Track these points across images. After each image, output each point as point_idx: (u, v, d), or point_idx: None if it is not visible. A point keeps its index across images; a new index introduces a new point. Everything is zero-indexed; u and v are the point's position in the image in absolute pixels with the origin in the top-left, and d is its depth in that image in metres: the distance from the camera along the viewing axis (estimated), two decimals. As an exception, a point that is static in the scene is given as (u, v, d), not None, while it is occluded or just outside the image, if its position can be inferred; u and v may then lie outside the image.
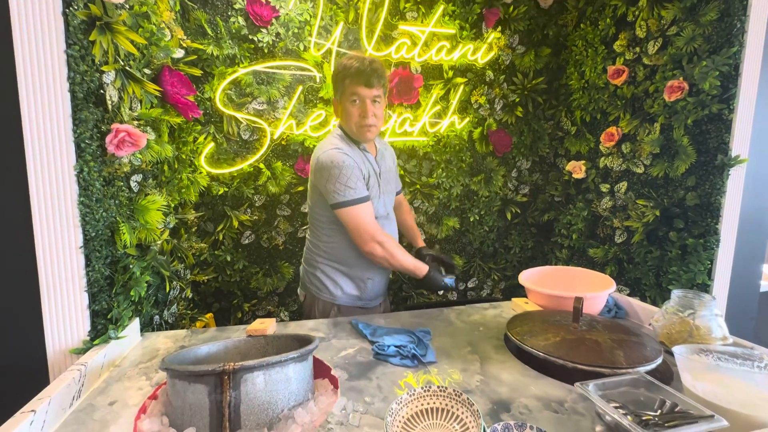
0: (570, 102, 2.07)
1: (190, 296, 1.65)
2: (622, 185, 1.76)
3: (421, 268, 1.28)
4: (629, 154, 1.72)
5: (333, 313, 1.35)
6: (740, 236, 1.40)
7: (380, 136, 1.51)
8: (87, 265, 0.90)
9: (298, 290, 1.47)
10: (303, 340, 0.88)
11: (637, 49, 1.67)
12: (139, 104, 1.11)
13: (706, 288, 1.41)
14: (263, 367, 0.68)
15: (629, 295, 1.69)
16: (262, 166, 1.83)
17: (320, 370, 0.87)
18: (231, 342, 0.92)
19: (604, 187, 1.85)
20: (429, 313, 1.27)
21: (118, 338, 0.96)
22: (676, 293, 1.02)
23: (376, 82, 1.19)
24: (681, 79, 1.46)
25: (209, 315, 1.71)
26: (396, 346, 0.96)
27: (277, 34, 1.77)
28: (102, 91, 0.94)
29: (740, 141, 1.33)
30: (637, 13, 1.66)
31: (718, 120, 1.36)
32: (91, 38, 0.89)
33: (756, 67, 1.31)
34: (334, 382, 0.83)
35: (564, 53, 2.12)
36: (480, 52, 2.02)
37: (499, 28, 2.05)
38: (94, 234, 0.91)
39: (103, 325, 0.95)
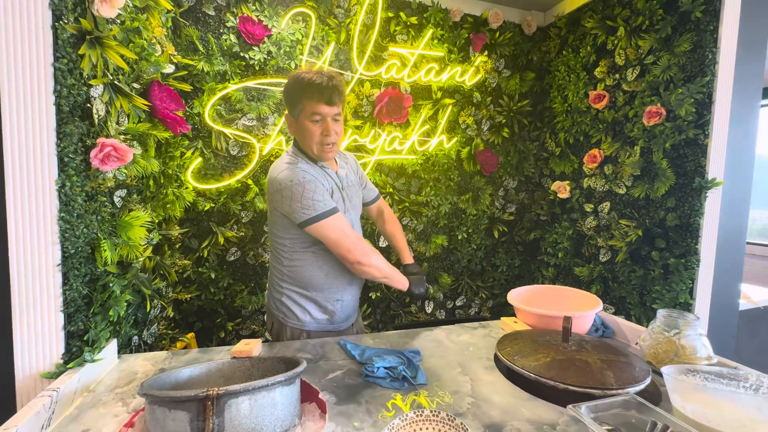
0: (554, 124, 2.14)
1: (171, 315, 1.59)
2: (605, 205, 1.80)
3: (404, 279, 1.24)
4: (611, 176, 1.77)
5: (303, 339, 1.28)
6: (719, 256, 1.45)
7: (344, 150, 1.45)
8: (64, 284, 0.86)
9: (266, 317, 1.40)
10: (290, 362, 0.86)
11: (617, 76, 1.74)
12: (126, 118, 1.10)
13: (688, 307, 1.44)
14: (249, 392, 0.66)
15: (614, 313, 1.71)
16: (250, 182, 1.81)
17: (307, 394, 0.84)
18: (214, 364, 0.88)
19: (588, 207, 1.90)
20: (418, 333, 1.25)
21: (93, 361, 0.91)
22: (661, 313, 1.03)
23: (337, 100, 1.12)
24: (659, 105, 1.53)
25: (191, 335, 1.64)
26: (386, 368, 0.94)
27: (269, 52, 1.78)
28: (89, 105, 0.92)
29: (716, 164, 1.39)
30: (616, 42, 1.74)
31: (694, 144, 1.42)
32: (80, 52, 0.88)
33: (727, 96, 1.38)
34: (321, 406, 0.80)
35: (548, 78, 2.20)
36: (467, 75, 2.08)
37: (486, 53, 2.13)
38: (73, 251, 0.87)
39: (78, 347, 0.91)
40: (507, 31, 2.13)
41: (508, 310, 2.31)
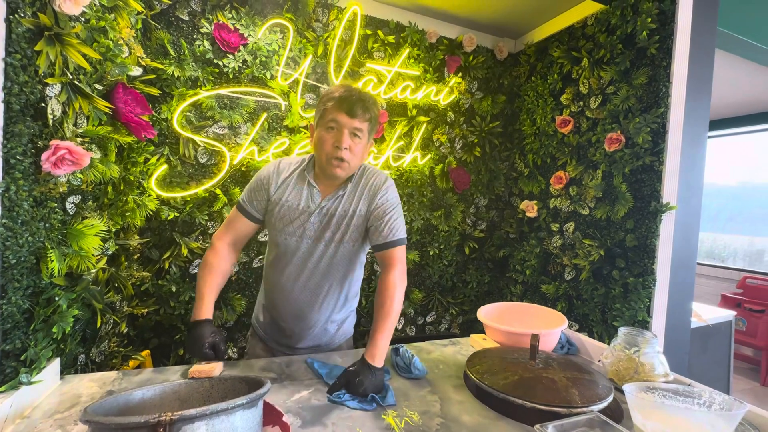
0: (523, 146, 2.23)
1: (124, 331, 1.49)
2: (570, 225, 1.88)
3: (195, 313, 1.02)
4: (576, 197, 1.85)
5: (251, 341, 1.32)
6: (672, 276, 1.53)
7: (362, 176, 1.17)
8: (1, 297, 0.78)
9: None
10: (253, 383, 0.81)
11: (581, 103, 1.84)
12: (85, 120, 1.03)
13: (645, 324, 1.50)
14: (206, 417, 0.61)
15: (578, 330, 1.76)
16: (218, 191, 1.75)
17: (270, 416, 0.80)
18: (169, 386, 0.82)
19: (554, 227, 1.96)
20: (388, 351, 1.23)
21: (31, 383, 0.83)
22: (622, 331, 1.07)
23: (360, 113, 1.03)
24: (619, 132, 1.63)
25: (146, 352, 1.53)
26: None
27: (244, 61, 1.76)
28: (43, 105, 0.86)
29: (669, 190, 1.48)
30: (580, 71, 1.85)
31: (650, 170, 1.52)
32: (36, 48, 0.82)
33: (679, 127, 1.49)
34: (285, 429, 0.76)
35: (517, 101, 2.29)
36: (442, 94, 2.13)
37: (460, 74, 2.20)
38: (14, 261, 0.80)
39: (13, 368, 0.82)
40: (480, 55, 2.22)
41: (477, 327, 2.33)
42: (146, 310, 1.61)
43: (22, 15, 0.80)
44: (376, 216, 1.12)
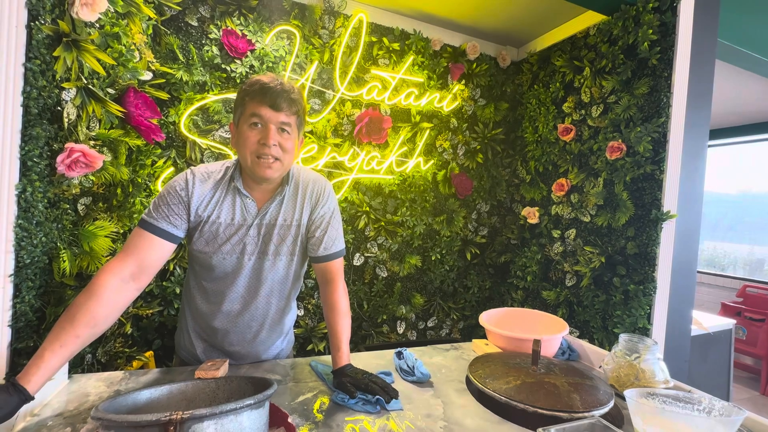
0: (525, 153, 2.25)
1: (129, 332, 1.50)
2: (572, 232, 1.89)
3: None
4: (577, 204, 1.87)
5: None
6: (673, 284, 1.55)
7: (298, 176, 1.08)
8: (15, 296, 0.80)
9: None
10: (258, 383, 0.83)
11: (583, 112, 1.87)
12: (98, 124, 1.06)
13: (646, 331, 1.51)
14: (215, 416, 0.63)
15: (579, 336, 1.77)
16: (224, 194, 1.76)
17: (275, 418, 0.81)
18: (176, 386, 0.83)
19: (556, 233, 1.98)
20: (390, 354, 1.24)
21: (40, 381, 0.84)
22: (623, 337, 1.09)
23: (286, 106, 0.91)
24: (620, 141, 1.65)
25: (149, 353, 1.55)
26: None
27: (251, 66, 1.78)
28: (59, 108, 0.88)
29: (670, 198, 1.50)
30: (582, 80, 1.87)
31: (651, 179, 1.54)
32: (55, 54, 0.85)
33: (679, 137, 1.51)
34: (290, 430, 0.77)
35: (520, 109, 2.32)
36: (445, 101, 2.16)
37: (463, 81, 2.22)
38: (29, 261, 0.81)
39: (24, 366, 0.83)
40: (483, 63, 2.25)
41: (478, 332, 2.34)
42: (150, 311, 1.63)
43: (42, 22, 0.82)
44: (317, 226, 1.04)
